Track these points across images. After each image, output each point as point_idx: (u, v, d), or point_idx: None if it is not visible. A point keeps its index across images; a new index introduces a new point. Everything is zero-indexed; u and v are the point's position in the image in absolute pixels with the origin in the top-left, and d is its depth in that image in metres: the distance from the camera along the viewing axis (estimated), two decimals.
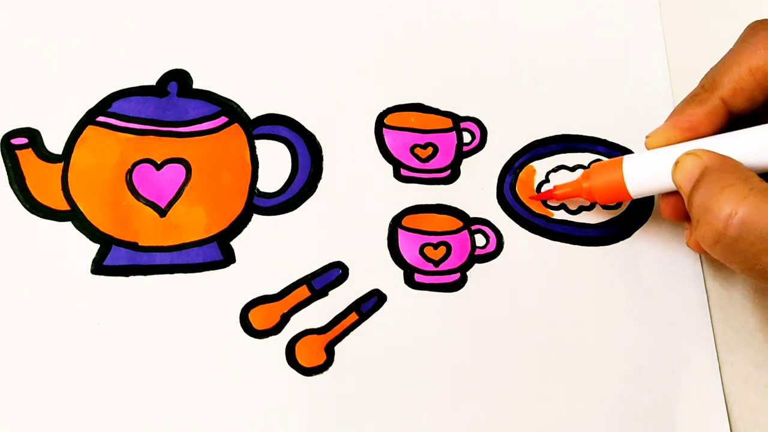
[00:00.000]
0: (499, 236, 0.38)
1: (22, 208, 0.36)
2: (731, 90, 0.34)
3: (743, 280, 0.39)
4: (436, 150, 0.39)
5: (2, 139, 0.37)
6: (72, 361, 0.35)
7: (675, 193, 0.34)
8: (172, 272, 0.36)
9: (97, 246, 0.36)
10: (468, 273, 0.38)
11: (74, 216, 0.37)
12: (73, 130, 0.38)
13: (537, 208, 0.39)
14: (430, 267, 0.38)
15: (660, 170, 0.34)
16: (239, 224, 0.37)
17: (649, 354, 0.37)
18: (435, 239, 0.38)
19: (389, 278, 0.37)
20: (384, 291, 0.37)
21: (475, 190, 0.39)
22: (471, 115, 0.40)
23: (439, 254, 0.38)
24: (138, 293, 0.36)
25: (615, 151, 0.40)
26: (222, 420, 0.35)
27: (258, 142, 0.39)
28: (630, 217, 0.39)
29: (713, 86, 0.34)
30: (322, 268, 0.37)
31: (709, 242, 0.31)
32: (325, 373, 0.36)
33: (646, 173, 0.35)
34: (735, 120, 0.34)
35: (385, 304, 0.37)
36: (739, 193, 0.30)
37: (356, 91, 0.40)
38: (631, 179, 0.35)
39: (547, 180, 0.40)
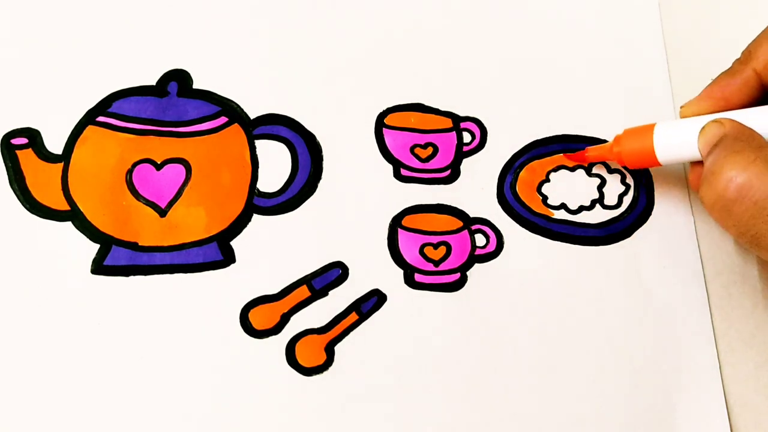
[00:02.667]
0: (499, 236, 0.38)
1: (22, 208, 0.36)
2: (765, 62, 0.34)
3: (744, 281, 0.39)
4: (436, 150, 0.39)
5: (2, 139, 0.37)
6: (72, 361, 0.35)
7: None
8: (172, 272, 0.36)
9: (97, 246, 0.36)
10: (468, 273, 0.38)
11: (74, 216, 0.37)
12: (73, 130, 0.38)
13: (537, 207, 0.39)
14: (430, 267, 0.38)
15: (689, 139, 0.35)
16: (239, 224, 0.37)
17: (650, 354, 0.37)
18: (435, 239, 0.38)
19: (389, 278, 0.37)
20: (384, 291, 0.37)
21: (475, 190, 0.39)
22: (471, 115, 0.40)
23: (439, 254, 0.38)
24: (138, 293, 0.36)
25: None
26: (222, 420, 0.35)
27: (258, 142, 0.39)
28: (630, 217, 0.39)
29: (748, 58, 0.35)
30: (322, 268, 0.37)
31: (709, 203, 0.32)
32: (325, 373, 0.36)
33: (675, 141, 0.35)
34: None
35: (385, 304, 0.37)
36: (745, 159, 0.31)
37: (356, 91, 0.40)
38: (660, 146, 0.36)
39: (547, 179, 0.40)
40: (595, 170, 0.40)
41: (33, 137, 0.37)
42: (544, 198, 0.39)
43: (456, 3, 0.42)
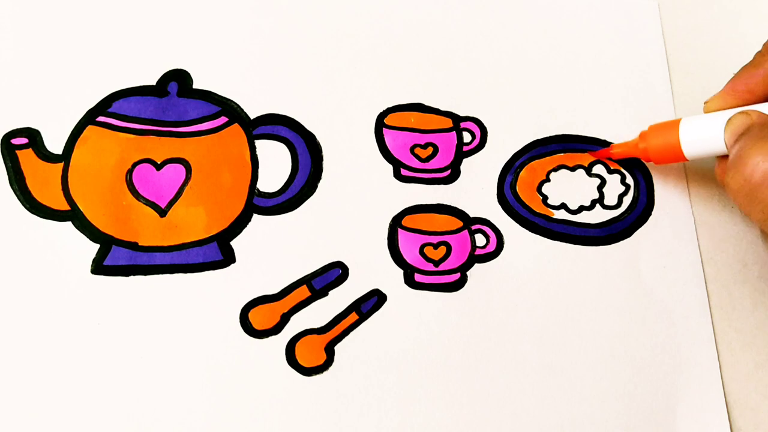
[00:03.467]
0: (499, 236, 0.38)
1: (22, 208, 0.36)
2: None
3: (745, 281, 0.39)
4: (436, 150, 0.39)
5: (2, 139, 0.37)
6: (72, 361, 0.35)
7: None
8: (172, 272, 0.36)
9: (97, 246, 0.36)
10: (468, 273, 0.38)
11: (74, 216, 0.37)
12: (73, 130, 0.38)
13: (537, 207, 0.39)
14: (430, 267, 0.38)
15: (715, 133, 0.35)
16: (239, 224, 0.37)
17: (650, 354, 0.37)
18: (435, 239, 0.38)
19: (389, 278, 0.37)
20: (384, 291, 0.37)
21: (475, 190, 0.39)
22: (471, 115, 0.40)
23: (439, 254, 0.38)
24: (138, 293, 0.36)
25: None
26: (222, 420, 0.35)
27: (258, 142, 0.39)
28: (630, 217, 0.39)
29: None
30: (322, 268, 0.37)
31: (735, 188, 0.32)
32: (325, 373, 0.36)
33: (701, 135, 0.35)
34: None
35: (385, 304, 0.37)
36: None
37: (356, 91, 0.40)
38: (686, 141, 0.36)
39: (547, 179, 0.40)
40: (595, 170, 0.40)
41: (33, 137, 0.37)
42: (544, 198, 0.39)
43: (456, 3, 0.42)
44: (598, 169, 0.40)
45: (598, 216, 0.39)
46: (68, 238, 0.36)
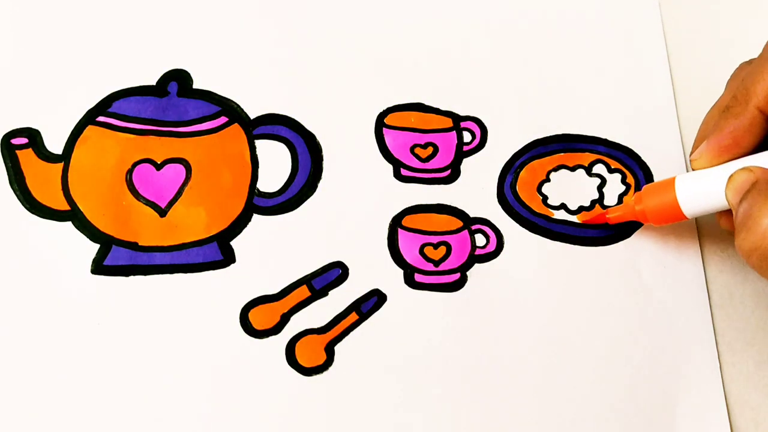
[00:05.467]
0: (499, 236, 0.38)
1: (22, 208, 0.36)
2: (766, 98, 0.33)
3: (745, 281, 0.39)
4: (436, 150, 0.39)
5: (2, 139, 0.37)
6: (72, 361, 0.35)
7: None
8: (172, 272, 0.36)
9: (97, 246, 0.36)
10: (468, 273, 0.38)
11: (74, 216, 0.37)
12: (73, 130, 0.38)
13: (537, 207, 0.39)
14: (430, 267, 0.38)
15: (713, 189, 0.34)
16: (239, 224, 0.37)
17: (650, 354, 0.37)
18: (435, 239, 0.38)
19: (389, 278, 0.37)
20: (384, 291, 0.37)
21: (475, 190, 0.39)
22: (471, 114, 0.40)
23: (439, 254, 0.38)
24: (138, 293, 0.36)
25: (616, 150, 0.40)
26: (222, 420, 0.35)
27: (258, 142, 0.39)
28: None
29: (747, 97, 0.34)
30: (322, 268, 0.37)
31: (747, 251, 0.31)
32: (325, 373, 0.36)
33: (699, 193, 0.35)
34: None
35: (385, 304, 0.37)
36: None
37: (356, 91, 0.40)
38: (684, 200, 0.35)
39: (547, 179, 0.40)
40: (595, 170, 0.40)
41: (33, 137, 0.37)
42: (545, 198, 0.39)
43: (456, 3, 0.42)
44: (599, 168, 0.40)
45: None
46: (68, 238, 0.36)
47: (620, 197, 0.40)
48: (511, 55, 0.41)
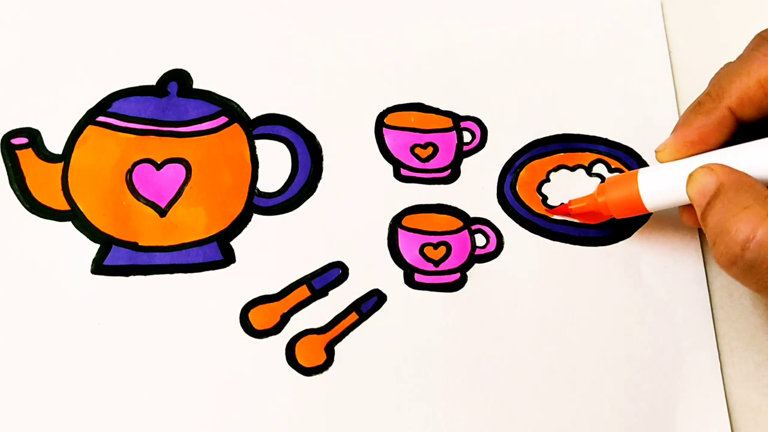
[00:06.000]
0: (499, 236, 0.38)
1: (22, 208, 0.36)
2: (739, 99, 0.33)
3: None
4: (436, 150, 0.39)
5: (2, 139, 0.37)
6: (72, 361, 0.35)
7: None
8: (172, 272, 0.36)
9: (97, 246, 0.36)
10: (468, 273, 0.38)
11: (74, 216, 0.37)
12: (73, 130, 0.38)
13: (537, 207, 0.39)
14: (430, 267, 0.38)
15: (675, 183, 0.34)
16: (239, 224, 0.37)
17: (650, 354, 0.37)
18: (435, 239, 0.38)
19: (389, 278, 0.37)
20: (384, 291, 0.37)
21: (475, 190, 0.39)
22: (471, 114, 0.40)
23: (439, 254, 0.38)
24: (138, 293, 0.36)
25: (616, 150, 0.40)
26: (222, 420, 0.35)
27: (258, 142, 0.39)
28: (630, 217, 0.39)
29: (720, 95, 0.34)
30: (322, 268, 0.37)
31: (726, 263, 0.31)
32: (325, 373, 0.36)
33: (661, 187, 0.35)
34: (743, 127, 0.34)
35: (385, 304, 0.37)
36: (756, 215, 0.30)
37: (356, 91, 0.40)
38: (646, 193, 0.35)
39: (547, 179, 0.40)
40: (595, 170, 0.40)
41: (33, 137, 0.37)
42: (545, 198, 0.39)
43: (456, 3, 0.42)
44: (599, 168, 0.40)
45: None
46: (68, 238, 0.36)
47: None
48: (512, 55, 0.41)
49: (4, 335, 0.35)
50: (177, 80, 0.39)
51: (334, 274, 0.37)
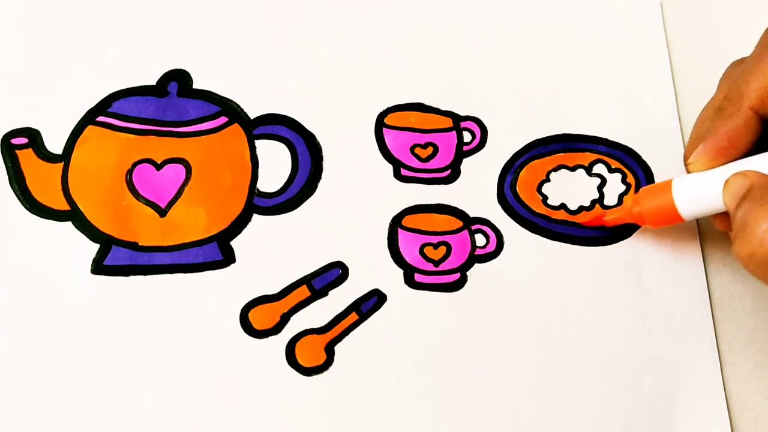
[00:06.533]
0: (499, 236, 0.38)
1: (22, 208, 0.36)
2: (759, 98, 0.33)
3: (745, 281, 0.39)
4: (436, 150, 0.39)
5: (2, 139, 0.37)
6: (72, 361, 0.35)
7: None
8: (172, 272, 0.36)
9: (97, 246, 0.36)
10: (468, 273, 0.38)
11: (74, 216, 0.37)
12: (73, 130, 0.38)
13: (537, 207, 0.39)
14: (430, 267, 0.38)
15: (710, 192, 0.34)
16: (239, 224, 0.37)
17: (650, 354, 0.37)
18: (435, 239, 0.38)
19: (389, 278, 0.37)
20: (384, 291, 0.37)
21: (475, 190, 0.39)
22: (471, 114, 0.40)
23: (439, 254, 0.38)
24: (138, 293, 0.36)
25: (616, 150, 0.40)
26: (222, 420, 0.35)
27: (258, 142, 0.39)
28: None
29: (740, 97, 0.34)
30: (322, 268, 0.37)
31: (744, 257, 0.31)
32: (325, 373, 0.36)
33: (697, 196, 0.35)
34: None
35: (385, 304, 0.37)
36: None
37: (356, 91, 0.40)
38: (682, 203, 0.35)
39: (547, 179, 0.40)
40: (595, 170, 0.40)
41: (33, 137, 0.37)
42: (544, 198, 0.39)
43: (456, 3, 0.42)
44: (599, 168, 0.40)
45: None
46: (68, 238, 0.36)
47: (620, 197, 0.40)
48: (512, 55, 0.41)
49: (4, 335, 0.35)
50: (177, 80, 0.39)
51: (334, 274, 0.37)
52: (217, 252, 0.37)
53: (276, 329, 0.36)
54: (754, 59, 0.34)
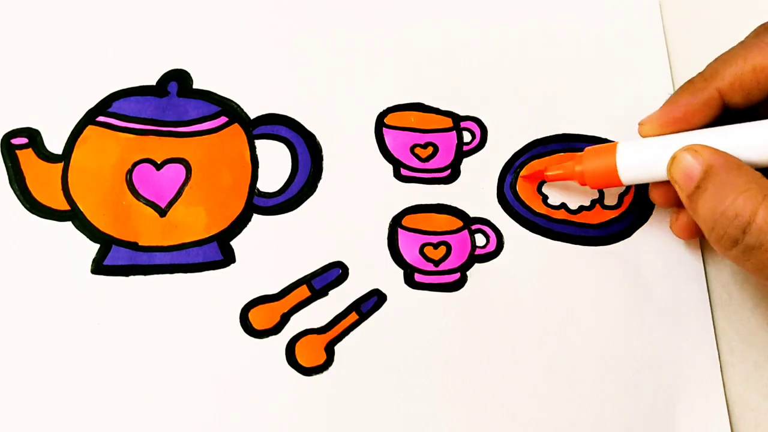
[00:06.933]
0: (499, 236, 0.38)
1: (22, 208, 0.36)
2: (730, 83, 0.33)
3: (745, 281, 0.39)
4: (436, 150, 0.39)
5: (2, 139, 0.37)
6: (72, 361, 0.35)
7: (667, 182, 0.34)
8: (172, 272, 0.36)
9: (97, 246, 0.36)
10: (468, 273, 0.38)
11: (74, 216, 0.37)
12: (73, 130, 0.38)
13: (538, 207, 0.39)
14: (430, 267, 0.38)
15: (654, 160, 0.34)
16: (239, 224, 0.37)
17: (650, 354, 0.37)
18: (435, 239, 0.38)
19: (389, 278, 0.37)
20: (384, 291, 0.37)
21: (475, 189, 0.39)
22: (471, 114, 0.40)
23: (439, 254, 0.38)
24: (138, 293, 0.36)
25: None
26: (222, 420, 0.35)
27: (258, 142, 0.39)
28: (630, 217, 0.39)
29: (712, 76, 0.34)
30: (322, 268, 0.37)
31: (725, 246, 0.31)
32: (325, 373, 0.36)
33: (639, 162, 0.35)
34: (727, 113, 0.34)
35: (385, 304, 0.37)
36: (754, 198, 0.30)
37: (356, 91, 0.40)
38: (623, 167, 0.35)
39: None
40: None
41: (33, 137, 0.37)
42: (545, 198, 0.39)
43: (456, 3, 0.42)
44: None
45: (598, 216, 0.39)
46: (68, 238, 0.36)
47: (620, 197, 0.40)
48: (511, 55, 0.41)
49: (4, 335, 0.35)
50: (177, 80, 0.39)
51: (334, 274, 0.37)
52: (217, 252, 0.37)
53: (276, 329, 0.36)
54: (740, 46, 0.34)
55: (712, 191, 0.31)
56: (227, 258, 0.37)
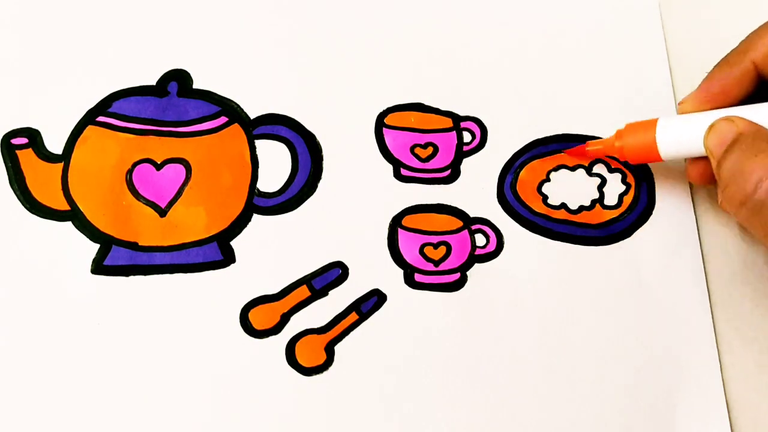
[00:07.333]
0: (499, 236, 0.38)
1: (22, 208, 0.36)
2: (764, 54, 0.34)
3: (745, 281, 0.39)
4: (436, 150, 0.39)
5: (2, 139, 0.37)
6: (72, 361, 0.35)
7: (705, 158, 0.35)
8: (172, 272, 0.36)
9: (97, 246, 0.36)
10: (468, 273, 0.38)
11: (74, 216, 0.37)
12: (73, 130, 0.38)
13: (538, 207, 0.39)
14: (430, 267, 0.38)
15: (693, 135, 0.35)
16: (239, 224, 0.37)
17: (650, 354, 0.37)
18: (435, 239, 0.38)
19: (389, 278, 0.37)
20: (384, 291, 0.37)
21: (475, 189, 0.39)
22: (471, 114, 0.40)
23: (439, 254, 0.38)
24: (138, 293, 0.36)
25: None
26: (222, 420, 0.35)
27: (258, 142, 0.39)
28: (630, 217, 0.39)
29: (747, 48, 0.34)
30: (322, 268, 0.37)
31: (736, 204, 0.32)
32: (325, 373, 0.36)
33: (678, 137, 0.35)
34: (765, 88, 0.34)
35: (385, 304, 0.37)
36: None
37: (356, 91, 0.40)
38: (663, 142, 0.36)
39: (547, 179, 0.40)
40: (595, 170, 0.40)
41: (33, 137, 0.37)
42: (545, 198, 0.39)
43: (456, 3, 0.42)
44: (599, 168, 0.40)
45: (598, 216, 0.39)
46: (68, 238, 0.36)
47: (620, 197, 0.40)
48: (511, 55, 0.41)
49: (4, 335, 0.35)
50: (177, 80, 0.39)
51: (334, 274, 0.37)
52: (217, 252, 0.37)
53: (276, 329, 0.36)
54: None
55: (737, 153, 0.32)
56: (227, 258, 0.37)
